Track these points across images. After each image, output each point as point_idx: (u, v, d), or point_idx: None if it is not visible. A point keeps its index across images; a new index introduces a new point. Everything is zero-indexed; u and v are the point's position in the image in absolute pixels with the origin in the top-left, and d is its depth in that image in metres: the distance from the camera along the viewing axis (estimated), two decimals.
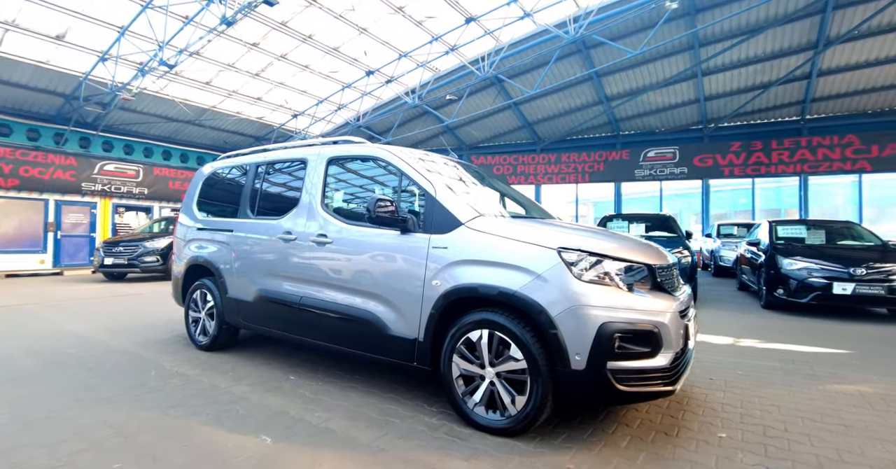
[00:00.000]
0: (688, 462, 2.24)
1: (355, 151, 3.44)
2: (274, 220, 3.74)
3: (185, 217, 4.66)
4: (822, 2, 11.96)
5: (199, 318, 4.32)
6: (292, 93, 16.05)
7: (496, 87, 16.67)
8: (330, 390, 3.22)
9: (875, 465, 2.23)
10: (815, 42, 13.33)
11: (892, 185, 16.11)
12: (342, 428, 2.60)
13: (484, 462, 2.22)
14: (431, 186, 2.92)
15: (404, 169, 3.08)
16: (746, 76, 15.22)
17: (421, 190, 2.95)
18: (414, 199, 3.05)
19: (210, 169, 4.64)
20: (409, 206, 3.11)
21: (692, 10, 12.65)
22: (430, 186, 2.92)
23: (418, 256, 2.82)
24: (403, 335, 2.86)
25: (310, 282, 3.36)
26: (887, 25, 12.44)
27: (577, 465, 2.20)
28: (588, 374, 2.28)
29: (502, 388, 2.50)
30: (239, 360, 3.95)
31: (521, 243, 2.52)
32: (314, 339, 3.39)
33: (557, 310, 2.34)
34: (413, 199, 3.07)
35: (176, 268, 4.67)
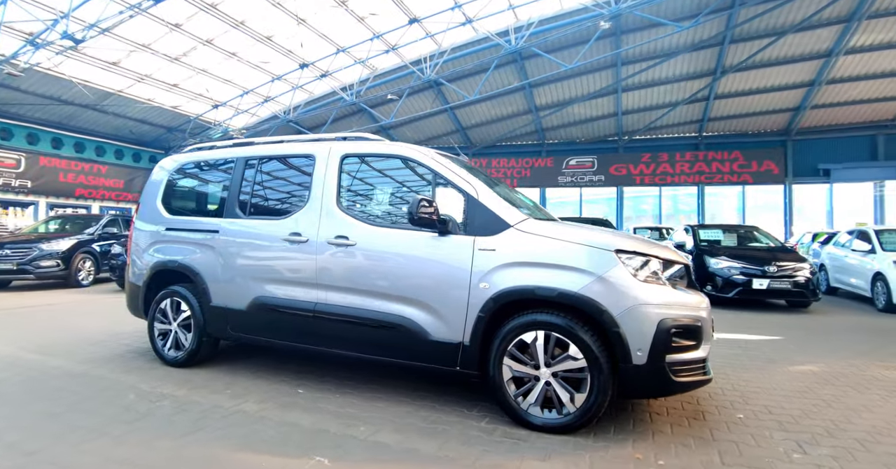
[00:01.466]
0: (731, 442, 2.46)
1: (377, 149, 3.27)
2: (274, 221, 3.42)
3: (144, 217, 4.07)
4: (722, 35, 13.78)
5: (168, 330, 3.79)
6: (215, 81, 14.74)
7: (434, 91, 16.80)
8: (353, 402, 3.02)
9: (866, 430, 2.63)
10: (714, 69, 15.30)
11: (767, 195, 19.02)
12: (395, 441, 2.46)
13: (559, 461, 2.24)
14: (472, 188, 2.87)
15: (439, 170, 3.00)
16: (658, 95, 17.00)
17: (460, 191, 2.89)
18: (443, 200, 2.97)
19: (175, 163, 4.10)
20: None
21: (618, 31, 13.83)
22: (472, 188, 2.87)
23: (462, 259, 2.76)
24: (446, 340, 2.78)
25: (327, 287, 3.12)
26: (769, 60, 14.66)
27: (644, 454, 2.32)
28: (649, 368, 2.41)
29: (559, 387, 2.54)
30: (226, 376, 3.54)
31: (578, 245, 2.59)
32: (332, 348, 3.15)
33: (620, 309, 2.44)
34: (444, 200, 2.99)
35: (134, 275, 4.05)
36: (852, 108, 16.49)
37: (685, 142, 19.46)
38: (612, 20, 12.08)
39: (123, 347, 4.37)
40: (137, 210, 4.15)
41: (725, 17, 13.04)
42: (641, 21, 13.06)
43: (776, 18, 12.99)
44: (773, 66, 14.98)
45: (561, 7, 13.23)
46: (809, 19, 12.76)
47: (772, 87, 16.00)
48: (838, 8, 12.47)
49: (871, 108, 16.37)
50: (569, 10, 12.87)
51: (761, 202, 19.06)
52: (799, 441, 2.48)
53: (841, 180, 17.42)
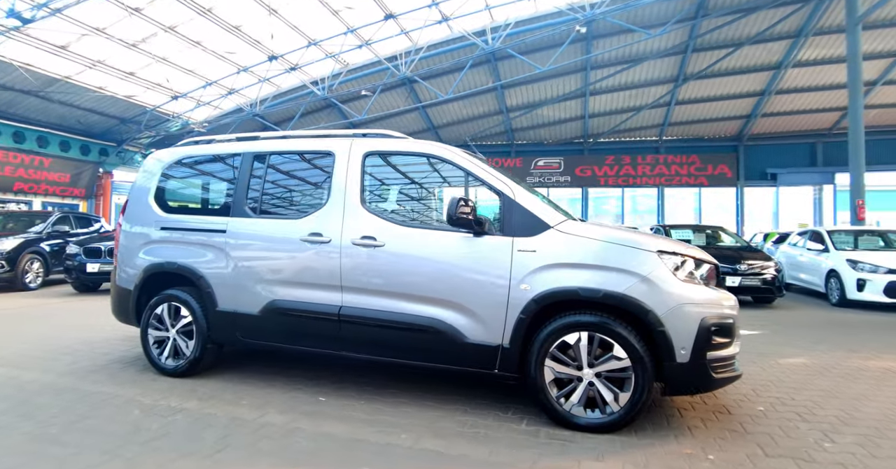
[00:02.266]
0: (764, 435, 2.56)
1: (403, 147, 3.16)
2: (290, 221, 3.24)
3: (134, 216, 3.75)
4: (685, 44, 14.46)
5: (165, 337, 3.52)
6: (176, 71, 13.88)
7: (407, 88, 16.62)
8: (381, 408, 2.91)
9: (875, 418, 2.81)
10: (677, 76, 16.03)
11: (720, 196, 20.19)
12: (441, 447, 2.38)
13: (615, 460, 2.24)
14: (508, 189, 2.84)
15: (472, 169, 2.94)
16: (624, 99, 17.62)
17: (495, 192, 2.85)
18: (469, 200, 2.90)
19: (171, 156, 3.80)
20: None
21: (589, 36, 14.20)
22: (508, 189, 2.83)
23: (501, 260, 2.72)
24: (484, 342, 2.73)
25: (353, 289, 2.99)
26: (726, 70, 15.54)
27: (692, 449, 2.37)
28: (691, 365, 2.47)
29: (603, 387, 2.55)
30: (233, 385, 3.32)
31: (621, 246, 2.61)
32: (359, 352, 3.03)
33: (664, 308, 2.48)
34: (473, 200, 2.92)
35: (122, 278, 3.73)
36: (797, 117, 17.78)
37: (646, 145, 20.30)
38: (586, 25, 12.38)
39: (103, 357, 4.02)
40: (125, 208, 3.83)
41: (689, 27, 13.69)
42: (612, 27, 13.48)
43: (734, 31, 13.78)
44: (729, 76, 15.89)
45: (536, 9, 13.44)
46: (763, 33, 13.63)
47: (727, 95, 16.97)
48: (789, 23, 13.38)
49: (812, 117, 17.71)
50: (544, 13, 13.08)
51: (715, 203, 20.21)
52: (823, 431, 2.62)
53: (786, 184, 18.75)
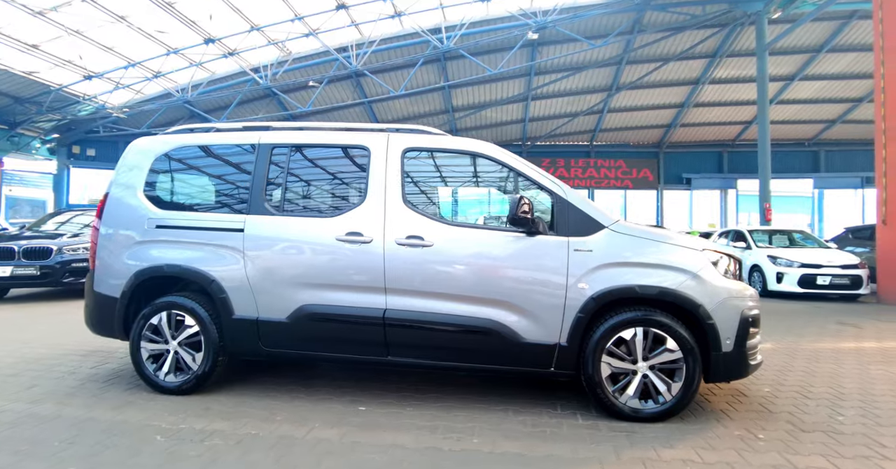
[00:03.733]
0: (787, 413, 2.84)
1: (446, 144, 3.08)
2: (322, 219, 3.02)
3: (117, 212, 3.26)
4: (620, 57, 15.57)
5: (164, 351, 3.10)
6: (92, 47, 12.21)
7: (353, 82, 16.13)
8: (434, 413, 2.79)
9: (858, 392, 3.25)
10: (611, 86, 17.23)
11: (643, 199, 22.05)
12: (520, 449, 2.35)
13: (685, 446, 2.37)
14: (560, 189, 2.88)
15: (522, 169, 2.94)
16: (562, 105, 18.58)
17: (547, 192, 2.88)
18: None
19: (163, 146, 3.35)
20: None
21: (535, 43, 14.77)
22: (559, 189, 2.88)
23: (558, 260, 2.76)
24: (541, 341, 2.75)
25: (399, 292, 2.86)
26: (653, 82, 16.98)
27: (740, 430, 2.58)
28: (734, 354, 2.69)
29: (657, 378, 2.69)
30: (251, 399, 3.01)
31: (672, 245, 2.76)
32: (405, 357, 2.89)
33: (713, 303, 2.67)
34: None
35: (104, 284, 3.22)
36: (708, 128, 19.92)
37: (579, 149, 21.61)
38: (538, 32, 12.87)
39: (69, 377, 3.46)
40: (102, 206, 3.32)
41: (625, 41, 14.77)
42: (558, 36, 14.13)
43: (663, 47, 15.10)
44: (655, 88, 17.40)
45: (487, 12, 13.71)
46: (687, 51, 15.09)
47: (652, 105, 18.57)
48: (708, 45, 14.95)
49: (720, 129, 19.96)
50: (497, 16, 13.38)
51: (638, 205, 22.05)
52: (828, 406, 2.98)
53: (699, 188, 20.97)
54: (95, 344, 4.41)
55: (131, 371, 3.59)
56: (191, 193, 3.31)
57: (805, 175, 20.08)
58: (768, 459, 2.25)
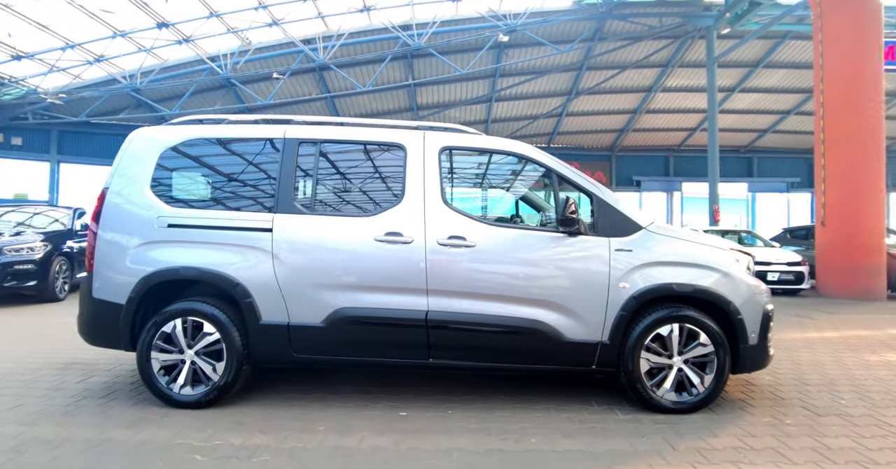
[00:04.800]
0: (797, 399, 3.09)
1: (484, 144, 3.06)
2: (358, 219, 2.91)
3: (119, 211, 2.96)
4: (581, 63, 16.16)
5: (178, 361, 2.85)
6: (24, 24, 10.96)
7: (316, 75, 15.62)
8: (481, 416, 2.75)
9: (844, 377, 3.59)
10: (570, 90, 17.83)
11: None
12: (580, 446, 2.39)
13: (728, 434, 2.51)
14: (598, 190, 2.96)
15: (560, 170, 2.99)
16: (524, 107, 19.00)
17: (587, 193, 2.94)
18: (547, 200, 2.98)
19: (173, 137, 3.08)
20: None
21: (502, 46, 15.00)
22: (598, 190, 2.95)
23: (600, 259, 2.83)
24: (584, 340, 2.81)
25: (441, 293, 2.81)
26: (610, 88, 17.76)
27: (767, 417, 2.78)
28: (758, 346, 2.89)
29: (691, 372, 2.83)
30: (280, 410, 2.84)
31: (705, 246, 2.92)
32: (448, 359, 2.85)
33: (742, 299, 2.85)
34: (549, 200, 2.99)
35: (103, 289, 2.91)
36: (657, 133, 21.12)
37: None
38: (508, 34, 13.07)
39: (56, 394, 3.11)
40: (101, 200, 3.01)
41: (586, 48, 15.34)
42: (524, 39, 14.43)
43: (621, 55, 15.83)
44: (611, 94, 18.22)
45: (456, 12, 13.75)
46: (642, 60, 15.93)
47: (608, 110, 19.43)
48: (662, 55, 15.85)
49: (668, 135, 21.24)
50: (466, 17, 13.46)
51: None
52: (827, 392, 3.27)
53: (648, 190, 22.20)
54: (66, 356, 4.03)
55: (128, 384, 3.30)
56: (206, 190, 3.07)
57: (740, 179, 21.82)
58: (805, 443, 2.44)
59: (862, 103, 8.23)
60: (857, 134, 8.26)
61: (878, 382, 3.50)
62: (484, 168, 3.22)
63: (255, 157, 3.09)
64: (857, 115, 8.24)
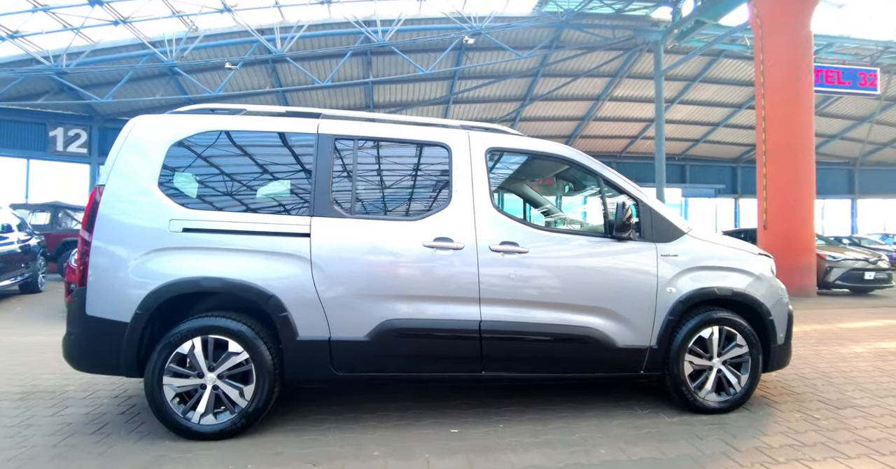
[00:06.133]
0: (810, 393, 3.28)
1: (530, 146, 2.96)
2: (403, 223, 2.71)
3: (119, 212, 2.54)
4: (536, 69, 16.59)
5: (196, 386, 2.49)
6: None
7: (268, 68, 14.75)
8: (535, 428, 2.67)
9: (840, 373, 3.89)
10: (525, 96, 18.24)
11: None
12: (650, 452, 2.37)
13: (774, 431, 2.62)
14: (643, 195, 2.97)
15: (607, 175, 2.97)
16: (480, 111, 19.15)
17: (632, 199, 2.94)
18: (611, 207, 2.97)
19: (184, 128, 2.67)
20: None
21: (462, 48, 15.02)
22: (643, 195, 2.97)
23: (648, 265, 2.84)
24: (634, 345, 2.81)
25: (493, 301, 2.68)
26: (562, 95, 18.38)
27: (797, 412, 2.92)
28: (785, 346, 3.05)
29: (729, 372, 2.93)
30: (313, 434, 2.58)
31: (739, 250, 3.02)
32: (500, 371, 2.72)
33: (772, 301, 2.99)
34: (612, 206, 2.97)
35: (101, 305, 2.47)
36: (602, 140, 22.18)
37: None
38: (473, 37, 13.10)
39: (37, 432, 2.65)
40: (94, 200, 2.57)
41: (542, 55, 15.77)
42: (486, 42, 14.53)
43: (575, 64, 16.44)
44: (563, 101, 18.87)
45: (420, 12, 13.58)
46: (594, 70, 16.65)
47: (558, 117, 20.11)
48: (611, 65, 16.67)
49: (612, 142, 22.38)
50: (432, 16, 13.32)
51: None
52: (831, 385, 3.52)
53: None
54: (19, 382, 3.56)
55: (117, 414, 2.88)
56: (228, 189, 2.71)
57: (675, 185, 23.47)
58: (845, 436, 2.60)
59: (799, 119, 9.12)
60: (794, 146, 9.13)
61: (864, 374, 3.83)
62: (528, 170, 3.13)
63: (284, 153, 2.78)
64: (795, 130, 9.11)
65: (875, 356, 4.43)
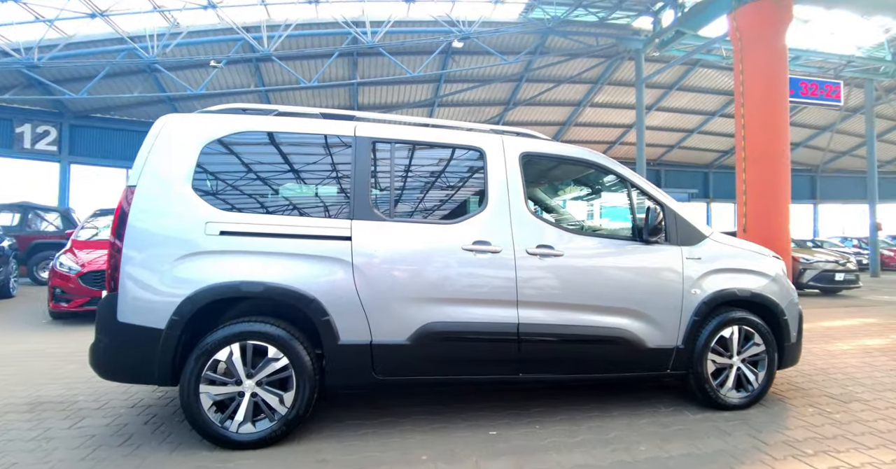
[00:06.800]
0: (817, 389, 3.46)
1: (562, 151, 3.04)
2: (442, 226, 2.73)
3: (152, 214, 2.47)
4: (521, 75, 16.83)
5: (233, 394, 2.43)
6: None
7: (252, 67, 14.46)
8: (569, 428, 2.71)
9: (836, 368, 4.11)
10: (509, 100, 18.47)
11: None
12: (684, 449, 2.46)
13: (796, 425, 2.75)
14: (668, 200, 3.08)
15: (635, 180, 3.06)
16: (464, 114, 19.26)
17: (658, 203, 3.04)
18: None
19: (218, 128, 2.61)
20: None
21: (449, 51, 15.09)
22: (668, 200, 3.08)
23: (675, 268, 2.95)
24: (662, 346, 2.90)
25: (531, 304, 2.72)
26: (545, 100, 18.70)
27: (812, 407, 3.08)
28: (796, 344, 3.20)
29: (747, 370, 3.06)
30: (350, 439, 2.56)
31: (755, 253, 3.17)
32: (539, 373, 2.77)
33: (786, 302, 3.14)
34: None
35: (134, 312, 2.39)
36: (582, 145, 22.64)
37: None
38: (462, 41, 13.20)
39: (60, 445, 2.56)
40: (126, 202, 2.49)
41: (527, 61, 16.02)
42: (472, 46, 14.65)
43: (559, 70, 16.75)
44: (546, 106, 19.21)
45: (408, 14, 13.58)
46: (576, 76, 17.02)
47: (540, 122, 20.42)
48: (593, 72, 17.08)
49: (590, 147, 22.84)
50: (421, 19, 13.35)
51: None
52: (832, 381, 3.71)
53: None
54: (22, 393, 3.43)
55: (140, 424, 2.81)
56: (264, 192, 2.67)
57: None
58: (859, 429, 2.75)
59: (777, 127, 9.58)
60: (772, 153, 9.58)
61: (857, 369, 4.06)
62: (558, 175, 3.20)
63: (321, 156, 2.76)
64: (773, 137, 9.56)
65: (862, 353, 4.70)
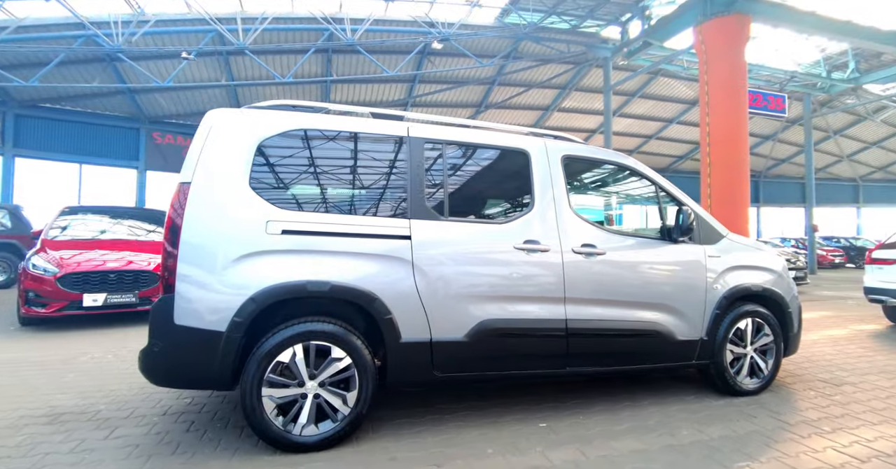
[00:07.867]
0: (808, 374, 3.83)
1: (598, 155, 3.20)
2: (494, 226, 2.82)
3: (208, 213, 2.41)
4: (493, 78, 17.12)
5: (296, 396, 2.41)
6: None
7: (221, 60, 13.89)
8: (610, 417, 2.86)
9: (831, 362, 4.54)
10: (481, 103, 18.73)
11: None
12: (725, 431, 2.67)
13: (806, 408, 3.03)
14: (692, 202, 3.31)
15: (663, 184, 3.27)
16: (437, 114, 19.36)
17: (682, 205, 3.26)
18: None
19: (273, 124, 2.57)
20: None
21: (426, 52, 15.15)
22: (691, 202, 3.31)
23: (699, 265, 3.18)
24: (690, 338, 3.12)
25: (577, 301, 2.86)
26: (515, 104, 19.12)
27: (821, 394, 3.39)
28: (797, 334, 3.53)
29: (759, 358, 3.35)
30: (408, 436, 2.61)
31: (764, 252, 3.46)
32: (584, 366, 2.91)
33: (790, 295, 3.46)
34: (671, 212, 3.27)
35: (194, 315, 2.31)
36: None
37: None
38: (441, 42, 13.28)
39: (108, 456, 2.45)
40: (182, 198, 2.41)
41: (500, 65, 16.34)
42: (448, 48, 14.78)
43: (530, 74, 17.19)
44: (515, 110, 19.62)
45: (385, 13, 13.51)
46: (546, 81, 17.53)
47: (511, 123, 20.88)
48: (562, 78, 17.65)
49: None
50: (401, 19, 13.32)
51: None
52: (820, 367, 4.10)
53: None
54: (33, 403, 3.21)
55: (180, 431, 2.77)
56: (321, 190, 2.65)
57: None
58: (860, 408, 3.08)
59: (738, 135, 10.33)
60: (734, 161, 10.31)
61: (835, 357, 4.49)
62: (594, 177, 3.36)
63: (376, 155, 2.77)
64: (734, 144, 10.29)
65: (832, 342, 5.19)
